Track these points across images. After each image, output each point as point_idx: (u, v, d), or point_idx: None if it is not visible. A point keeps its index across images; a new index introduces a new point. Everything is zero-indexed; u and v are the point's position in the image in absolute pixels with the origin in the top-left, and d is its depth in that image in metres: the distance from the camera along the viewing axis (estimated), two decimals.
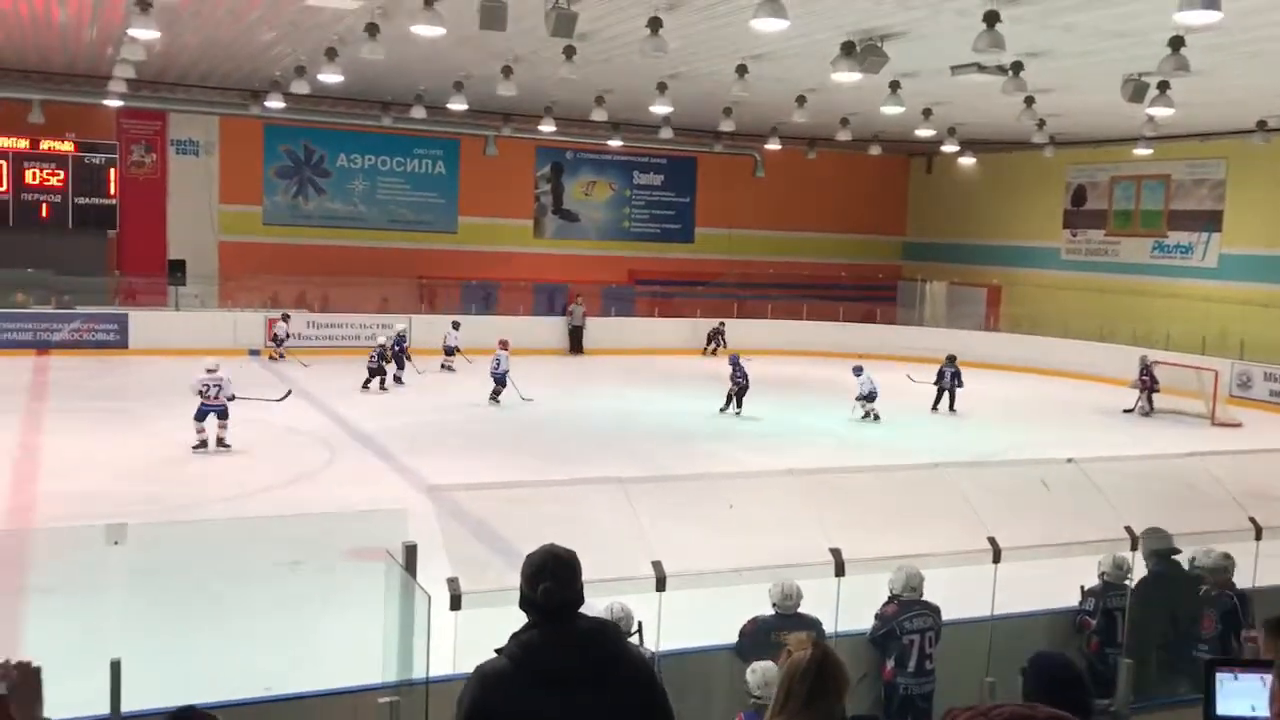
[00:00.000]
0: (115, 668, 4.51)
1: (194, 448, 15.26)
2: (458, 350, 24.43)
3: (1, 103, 24.85)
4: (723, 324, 29.25)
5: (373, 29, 15.10)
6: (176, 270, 27.38)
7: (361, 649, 5.23)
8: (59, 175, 26.17)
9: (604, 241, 33.41)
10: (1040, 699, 2.74)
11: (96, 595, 7.01)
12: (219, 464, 14.88)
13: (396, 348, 22.35)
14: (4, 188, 25.73)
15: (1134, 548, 6.66)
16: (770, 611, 6.18)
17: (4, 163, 25.74)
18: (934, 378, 21.75)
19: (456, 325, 24.89)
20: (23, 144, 25.78)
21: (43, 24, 18.55)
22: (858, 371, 20.42)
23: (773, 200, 33.35)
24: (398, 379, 22.24)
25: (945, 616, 6.45)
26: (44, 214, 26.15)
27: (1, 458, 14.37)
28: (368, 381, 21.16)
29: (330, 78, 19.07)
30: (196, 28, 17.98)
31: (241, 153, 28.80)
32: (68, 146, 26.20)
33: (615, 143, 29.91)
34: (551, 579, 3.21)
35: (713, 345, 28.84)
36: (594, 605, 6.14)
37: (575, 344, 28.98)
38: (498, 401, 20.01)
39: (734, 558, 5.73)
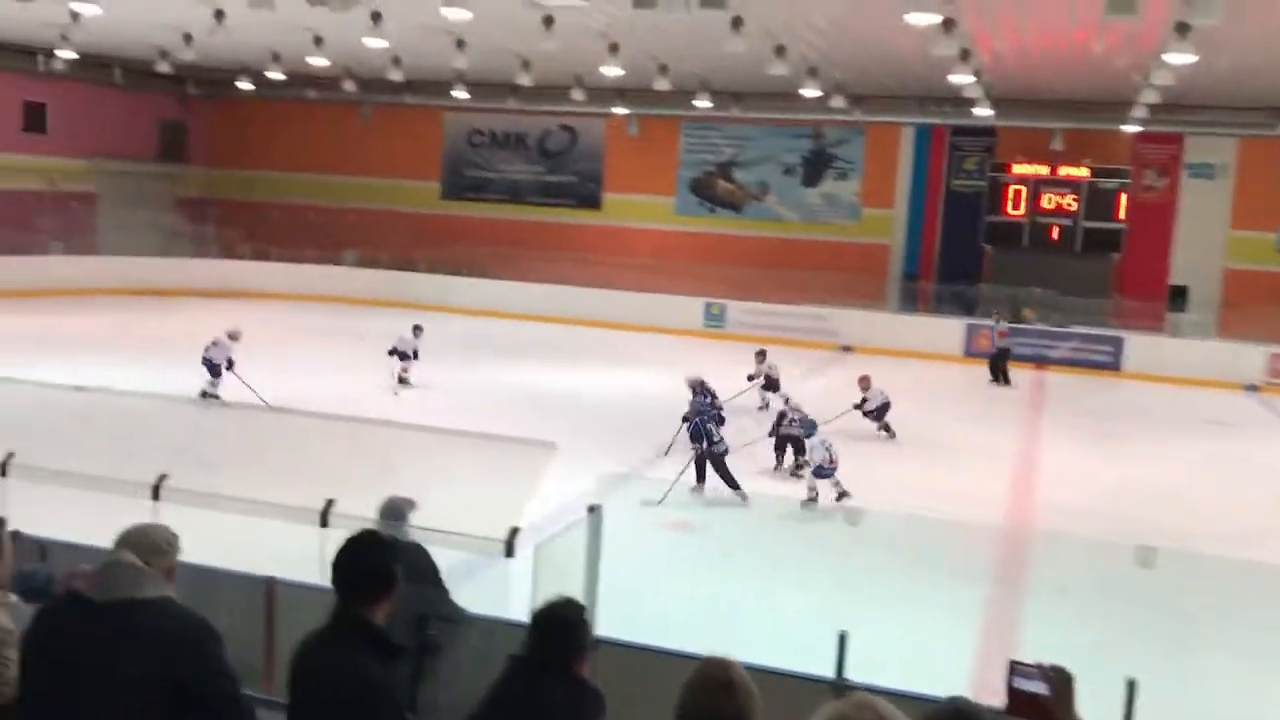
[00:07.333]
0: (1130, 687, 4.62)
1: None
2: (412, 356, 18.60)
3: (1025, 132, 26.92)
4: None
5: None
6: (1178, 296, 26.99)
7: None
8: (1071, 199, 27.55)
9: None
10: None
11: (1111, 609, 7.16)
12: (1206, 496, 14.31)
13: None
14: (1022, 211, 27.88)
15: None
16: None
17: (1024, 188, 27.87)
18: None
19: (418, 330, 18.96)
20: (1042, 170, 27.65)
21: (1079, 56, 19.57)
22: None
23: None
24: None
25: None
26: (1054, 236, 27.75)
27: (1003, 462, 15.60)
28: None
29: None
30: (1231, 50, 17.38)
31: (1259, 175, 27.16)
32: (1082, 172, 27.41)
33: None
34: None
35: None
36: None
37: (997, 371, 23.24)
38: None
39: None
